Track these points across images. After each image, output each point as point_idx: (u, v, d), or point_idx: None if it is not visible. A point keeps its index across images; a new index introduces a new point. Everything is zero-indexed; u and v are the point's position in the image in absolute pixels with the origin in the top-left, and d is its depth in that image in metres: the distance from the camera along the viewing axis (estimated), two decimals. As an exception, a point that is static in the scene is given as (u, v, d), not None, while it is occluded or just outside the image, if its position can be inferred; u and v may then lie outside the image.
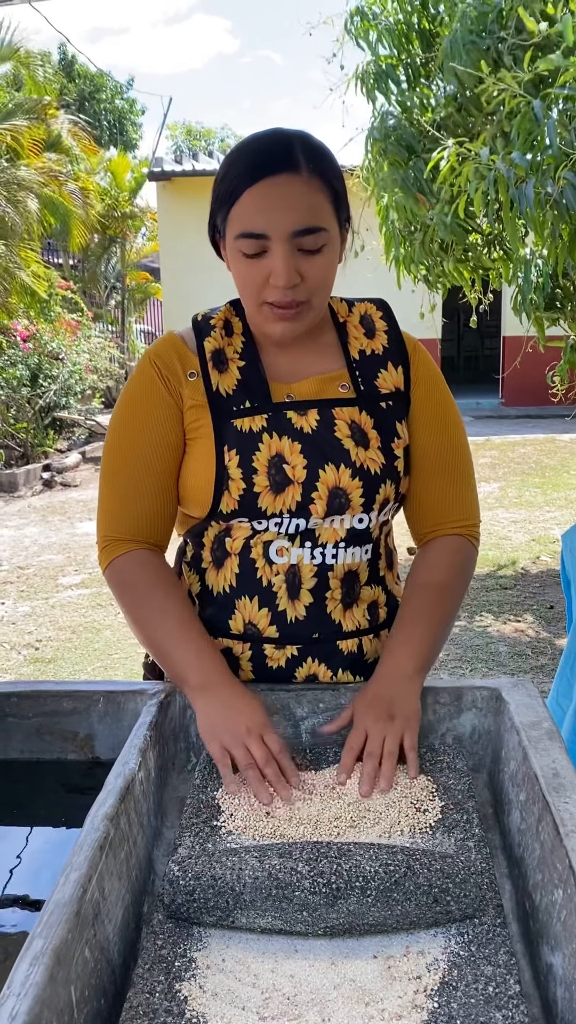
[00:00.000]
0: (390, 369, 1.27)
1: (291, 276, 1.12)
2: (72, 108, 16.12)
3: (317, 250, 1.14)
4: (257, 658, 1.25)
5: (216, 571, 1.27)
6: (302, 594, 1.23)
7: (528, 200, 2.90)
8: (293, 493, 1.19)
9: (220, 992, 0.77)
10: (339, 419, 1.22)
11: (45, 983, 0.66)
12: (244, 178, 1.12)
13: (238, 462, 1.19)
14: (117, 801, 0.90)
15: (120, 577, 1.24)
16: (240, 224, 1.13)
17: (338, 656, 1.25)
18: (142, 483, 1.24)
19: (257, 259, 1.14)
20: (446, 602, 1.25)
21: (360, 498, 1.21)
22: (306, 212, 1.11)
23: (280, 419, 1.22)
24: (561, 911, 0.79)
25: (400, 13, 3.99)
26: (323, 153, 1.16)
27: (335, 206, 1.16)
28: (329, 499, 1.20)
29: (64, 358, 10.60)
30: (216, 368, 1.24)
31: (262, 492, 1.19)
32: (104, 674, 4.15)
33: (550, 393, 4.79)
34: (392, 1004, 0.75)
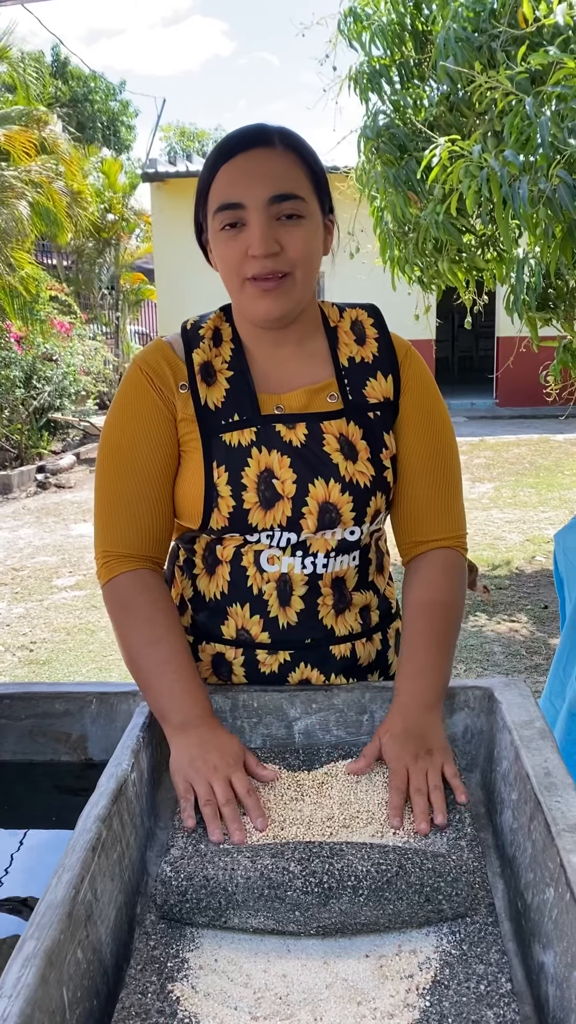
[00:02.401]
0: (379, 378, 1.25)
1: (269, 243, 1.11)
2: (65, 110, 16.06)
3: (295, 217, 1.12)
4: (250, 663, 1.24)
5: (208, 578, 1.26)
6: (293, 601, 1.22)
7: (522, 198, 2.90)
8: (283, 508, 1.18)
9: (212, 992, 0.77)
10: (327, 433, 1.20)
11: (37, 984, 0.66)
12: (219, 160, 1.14)
13: (227, 479, 1.18)
14: (110, 802, 0.90)
15: (117, 598, 1.21)
16: (217, 199, 1.13)
17: (331, 661, 1.25)
18: (139, 495, 1.21)
19: (236, 232, 1.13)
20: (451, 621, 1.23)
21: (351, 512, 1.19)
22: (281, 179, 1.12)
23: (269, 432, 1.20)
24: (552, 910, 0.79)
25: (393, 13, 3.99)
26: (300, 140, 1.18)
27: (314, 184, 1.16)
28: (320, 514, 1.18)
29: (58, 360, 10.59)
30: (204, 381, 1.22)
31: (252, 508, 1.18)
32: (99, 675, 4.15)
33: (544, 393, 4.80)
34: (384, 1003, 0.75)
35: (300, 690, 1.20)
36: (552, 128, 2.89)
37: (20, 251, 10.03)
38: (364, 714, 1.19)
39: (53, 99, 17.24)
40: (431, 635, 1.19)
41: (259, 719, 1.19)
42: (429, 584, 1.25)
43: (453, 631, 1.22)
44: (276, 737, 1.19)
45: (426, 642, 1.19)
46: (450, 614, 1.23)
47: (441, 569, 1.26)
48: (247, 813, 1.00)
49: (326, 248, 1.22)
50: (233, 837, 0.96)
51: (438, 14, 3.77)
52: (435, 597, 1.23)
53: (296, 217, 1.13)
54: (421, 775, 1.03)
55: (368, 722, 1.19)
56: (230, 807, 1.00)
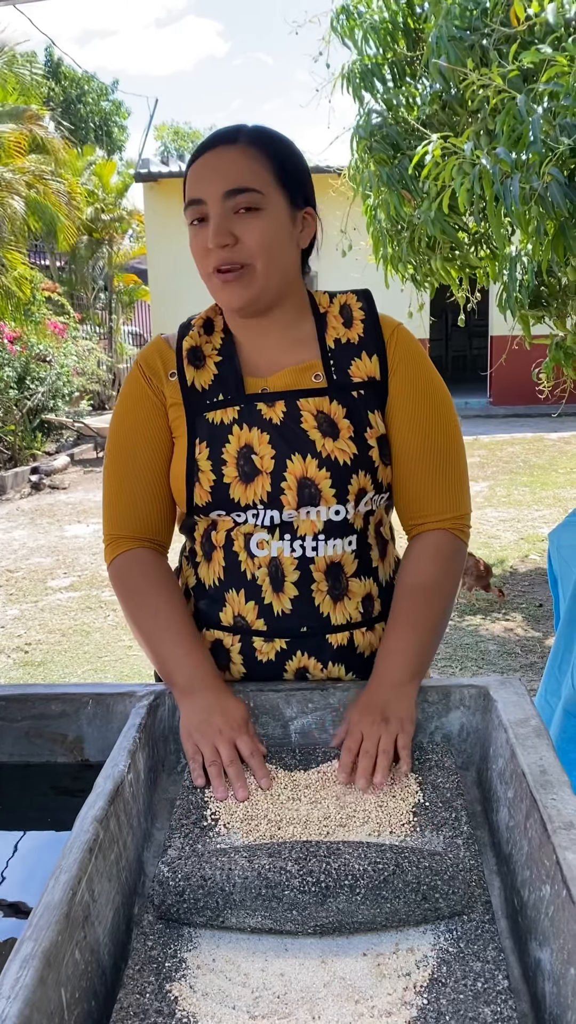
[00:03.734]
0: (364, 358, 1.26)
1: (221, 235, 1.16)
2: (58, 111, 16.03)
3: (251, 210, 1.17)
4: (247, 651, 1.26)
5: (207, 564, 1.29)
6: (286, 587, 1.23)
7: (514, 196, 2.90)
8: (263, 483, 1.21)
9: (210, 992, 0.77)
10: (304, 410, 1.23)
11: (35, 985, 0.66)
12: (191, 160, 1.22)
13: (208, 454, 1.23)
14: (106, 803, 0.90)
15: (119, 576, 1.29)
16: (186, 197, 1.21)
17: (328, 650, 1.25)
18: (136, 481, 1.29)
19: (201, 227, 1.19)
20: (435, 603, 1.24)
21: (331, 489, 1.21)
22: (235, 174, 1.17)
23: (251, 411, 1.24)
24: (549, 907, 0.79)
25: (385, 11, 3.99)
26: (270, 135, 1.23)
27: (279, 179, 1.19)
28: (298, 489, 1.20)
29: (52, 360, 10.57)
30: (192, 365, 1.27)
31: (232, 483, 1.22)
32: (94, 676, 4.14)
33: (536, 391, 4.80)
34: (382, 1001, 0.76)
35: (296, 689, 1.20)
36: (544, 126, 2.89)
37: (14, 251, 10.02)
38: (360, 713, 1.19)
39: (46, 99, 17.20)
40: (410, 619, 1.22)
41: (255, 719, 1.19)
42: (416, 568, 1.27)
43: (437, 613, 1.24)
44: (272, 736, 1.19)
45: (405, 625, 1.22)
46: (433, 598, 1.24)
47: (430, 552, 1.28)
48: (252, 773, 1.07)
49: (303, 241, 1.25)
50: (237, 795, 1.03)
51: (431, 12, 3.77)
52: (419, 581, 1.25)
53: (253, 210, 1.17)
54: (373, 739, 1.08)
55: (364, 721, 1.19)
56: (235, 767, 1.06)
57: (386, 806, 1.00)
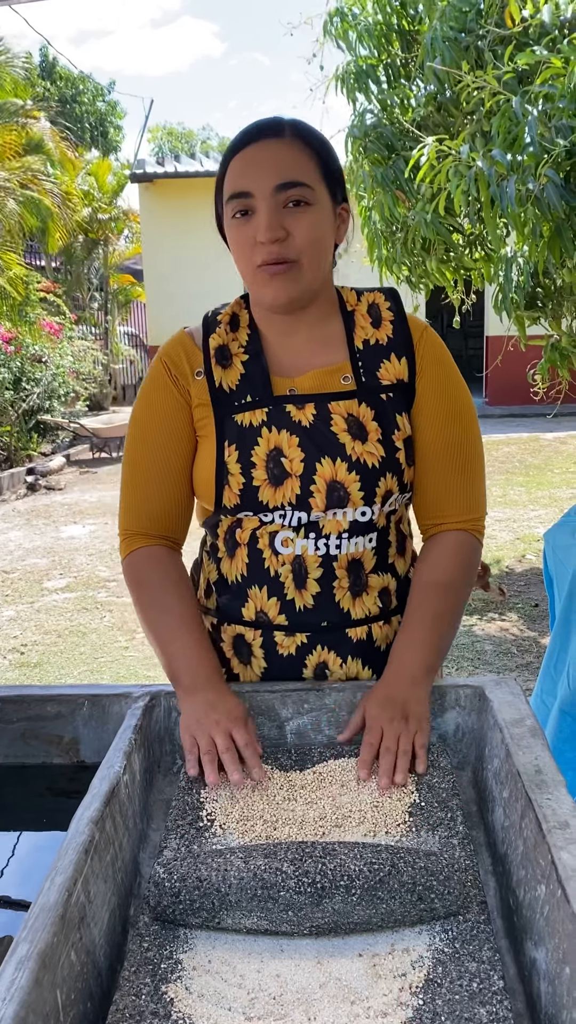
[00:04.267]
0: (392, 360, 1.27)
1: (274, 229, 1.15)
2: (53, 111, 16.00)
3: (301, 204, 1.16)
4: (268, 645, 1.28)
5: (230, 560, 1.30)
6: (309, 583, 1.25)
7: (510, 198, 2.91)
8: (292, 486, 1.21)
9: (206, 993, 0.77)
10: (335, 413, 1.23)
11: (31, 987, 0.66)
12: (232, 151, 1.19)
13: (237, 457, 1.23)
14: (102, 804, 0.90)
15: (133, 572, 1.30)
16: (229, 189, 1.18)
17: (347, 644, 1.27)
18: (155, 479, 1.30)
19: (246, 220, 1.17)
20: (450, 601, 1.25)
21: (359, 491, 1.22)
22: (287, 168, 1.16)
23: (279, 413, 1.24)
24: (544, 906, 0.79)
25: (379, 13, 3.99)
26: (312, 131, 1.21)
27: (323, 174, 1.19)
28: (328, 492, 1.21)
29: (47, 361, 10.56)
30: (220, 364, 1.27)
31: (261, 486, 1.22)
32: (90, 677, 4.14)
33: (531, 392, 4.81)
34: (377, 1002, 0.76)
35: (292, 690, 1.20)
36: (539, 127, 2.90)
37: (9, 252, 10.00)
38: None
39: (41, 99, 17.19)
40: (427, 614, 1.23)
41: (251, 720, 1.18)
42: (434, 565, 1.28)
43: (452, 611, 1.25)
44: (268, 737, 1.19)
45: (421, 620, 1.23)
46: (450, 595, 1.25)
47: (449, 551, 1.29)
48: (246, 764, 1.07)
49: (339, 237, 1.26)
50: (232, 778, 1.04)
51: (425, 14, 3.77)
52: (437, 578, 1.26)
53: (303, 204, 1.16)
54: (393, 737, 1.09)
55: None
56: (229, 754, 1.06)
57: (382, 806, 1.01)
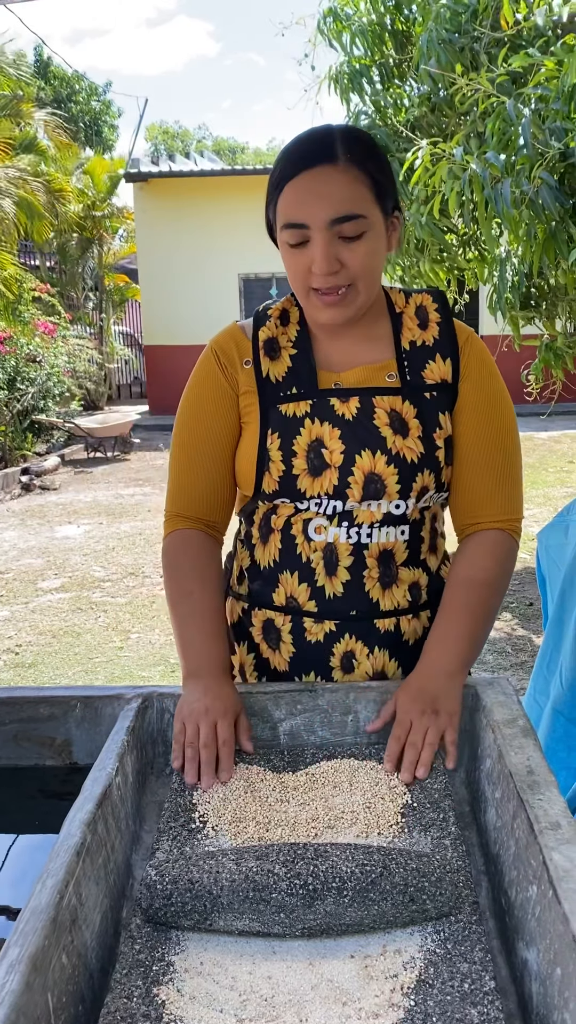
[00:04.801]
0: (438, 360, 1.29)
1: (330, 264, 1.17)
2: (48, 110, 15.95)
3: (357, 237, 1.17)
4: (297, 630, 1.30)
5: (263, 546, 1.34)
6: (339, 571, 1.27)
7: (504, 200, 2.91)
8: (330, 477, 1.24)
9: (198, 995, 0.77)
10: (379, 407, 1.26)
11: (21, 991, 0.66)
12: (287, 172, 1.18)
13: (279, 445, 1.26)
14: (94, 806, 0.90)
15: (168, 553, 1.35)
16: (284, 216, 1.19)
17: (375, 634, 1.29)
18: (199, 463, 1.33)
19: (301, 248, 1.19)
20: (487, 598, 1.26)
21: (396, 484, 1.24)
22: (343, 200, 1.16)
23: (323, 405, 1.27)
24: (535, 907, 0.79)
25: (373, 14, 4.00)
26: (365, 144, 1.21)
27: (376, 194, 1.19)
28: (365, 484, 1.24)
29: (42, 361, 10.54)
30: (268, 356, 1.30)
31: (300, 475, 1.25)
32: (85, 678, 4.13)
33: (525, 392, 4.82)
34: (369, 1003, 0.76)
35: (285, 691, 1.20)
36: (533, 129, 2.90)
37: (3, 252, 9.98)
38: (348, 715, 1.19)
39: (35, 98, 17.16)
40: (463, 608, 1.24)
41: (244, 721, 1.18)
42: (471, 562, 1.29)
43: (488, 608, 1.26)
44: (261, 738, 1.19)
45: (457, 614, 1.24)
46: (487, 592, 1.27)
47: (487, 548, 1.30)
48: (217, 762, 1.09)
49: (391, 245, 1.26)
50: (203, 781, 1.07)
51: (419, 15, 3.78)
52: (474, 575, 1.28)
53: (358, 235, 1.17)
54: (421, 731, 1.10)
55: (352, 723, 1.19)
56: (207, 751, 1.09)
57: (374, 807, 1.01)
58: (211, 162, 15.11)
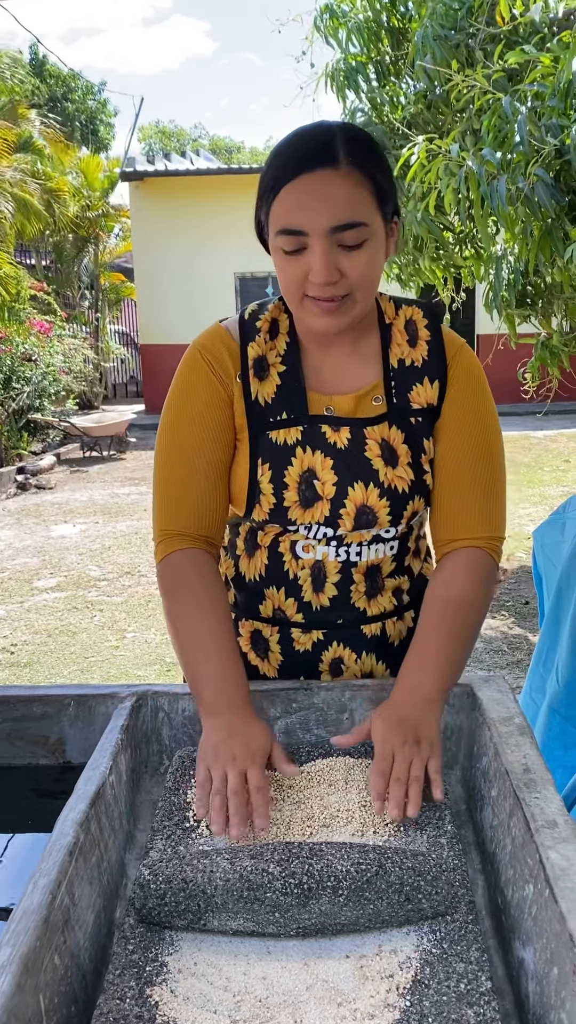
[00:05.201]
0: (425, 384, 1.24)
1: (330, 273, 1.10)
2: (43, 108, 15.94)
3: (357, 245, 1.11)
4: (285, 641, 1.29)
5: (248, 559, 1.31)
6: (327, 587, 1.26)
7: (500, 197, 2.91)
8: (322, 508, 1.21)
9: (192, 996, 0.77)
10: (370, 438, 1.22)
11: (12, 992, 0.65)
12: (283, 173, 1.10)
13: (270, 477, 1.22)
14: (88, 806, 0.89)
15: (168, 576, 1.23)
16: (279, 221, 1.11)
17: (362, 640, 1.28)
18: (195, 474, 1.24)
19: (297, 255, 1.12)
20: (467, 619, 1.20)
21: (387, 516, 1.22)
22: (344, 207, 1.08)
23: (315, 433, 1.22)
24: (532, 906, 0.79)
25: (369, 11, 3.99)
26: (366, 145, 1.13)
27: (378, 199, 1.12)
28: (356, 515, 1.21)
29: (37, 360, 10.52)
30: (257, 376, 1.24)
31: (292, 507, 1.22)
32: (81, 677, 4.12)
33: (521, 390, 4.81)
34: (364, 1004, 0.75)
35: (280, 689, 1.20)
36: (529, 126, 2.90)
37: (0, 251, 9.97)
38: (344, 713, 1.19)
39: (31, 97, 17.13)
40: (441, 630, 1.18)
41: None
42: (449, 582, 1.23)
43: (467, 629, 1.20)
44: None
45: (435, 636, 1.17)
46: (465, 612, 1.20)
47: (464, 567, 1.24)
48: (252, 811, 0.98)
49: (389, 251, 1.20)
50: (231, 831, 0.95)
51: (415, 12, 3.77)
52: (452, 594, 1.21)
53: (359, 244, 1.11)
54: (404, 764, 1.01)
55: (348, 721, 1.19)
56: (236, 799, 0.98)
57: (369, 806, 1.00)
58: (207, 161, 15.09)
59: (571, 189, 3.09)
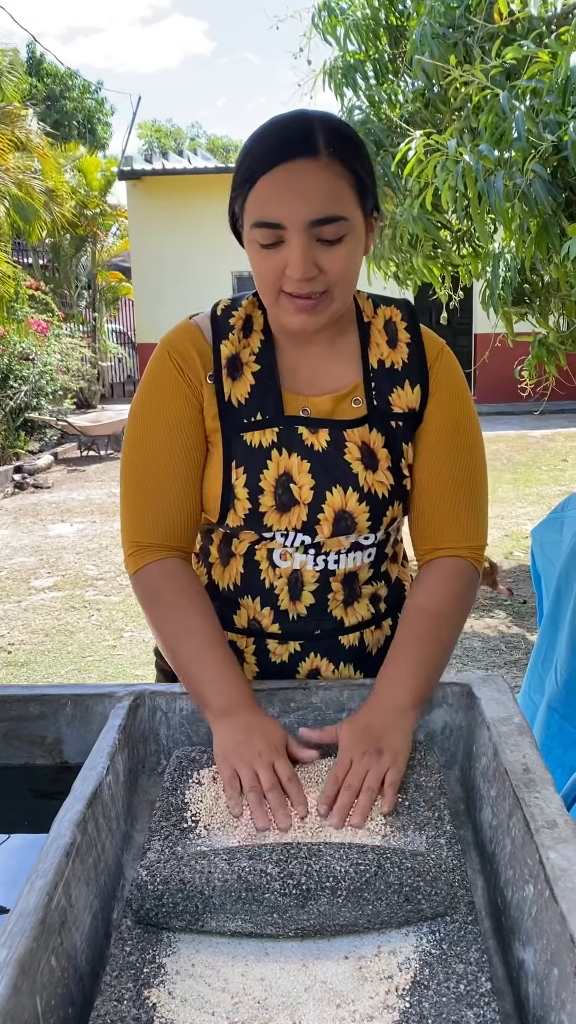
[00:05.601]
0: (406, 388, 1.22)
1: (308, 268, 1.06)
2: (40, 108, 15.91)
3: (337, 240, 1.06)
4: (261, 653, 1.26)
5: (222, 568, 1.28)
6: (304, 595, 1.23)
7: (497, 193, 2.90)
8: (299, 513, 1.18)
9: (189, 998, 0.76)
10: (350, 441, 1.19)
11: (9, 994, 0.64)
12: (260, 164, 1.05)
13: (245, 481, 1.17)
14: (84, 806, 0.89)
15: (147, 590, 1.20)
16: (255, 213, 1.07)
17: (340, 650, 1.26)
18: (165, 484, 1.20)
19: (273, 249, 1.07)
20: (443, 630, 1.18)
21: (367, 521, 1.19)
22: (324, 200, 1.04)
23: (291, 434, 1.18)
24: (532, 907, 0.78)
25: (367, 8, 3.98)
26: (347, 137, 1.09)
27: (359, 193, 1.08)
28: (335, 521, 1.18)
29: (35, 359, 10.50)
30: (230, 376, 1.20)
31: (268, 512, 1.18)
32: (78, 677, 4.12)
33: (519, 388, 4.81)
34: (363, 1005, 0.74)
35: (278, 688, 1.19)
36: (527, 123, 2.89)
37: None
38: (342, 712, 1.18)
39: (28, 95, 17.11)
40: (417, 641, 1.16)
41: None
42: (428, 592, 1.22)
43: (444, 640, 1.18)
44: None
45: (411, 647, 1.16)
46: (442, 623, 1.18)
47: (443, 577, 1.22)
48: (290, 800, 0.98)
49: (367, 247, 1.16)
50: (279, 824, 0.95)
51: (413, 9, 3.77)
52: (430, 606, 1.20)
53: (338, 239, 1.07)
54: (360, 773, 1.00)
55: (347, 720, 1.18)
56: (275, 793, 0.98)
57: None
58: (205, 160, 15.08)
59: (568, 186, 3.09)
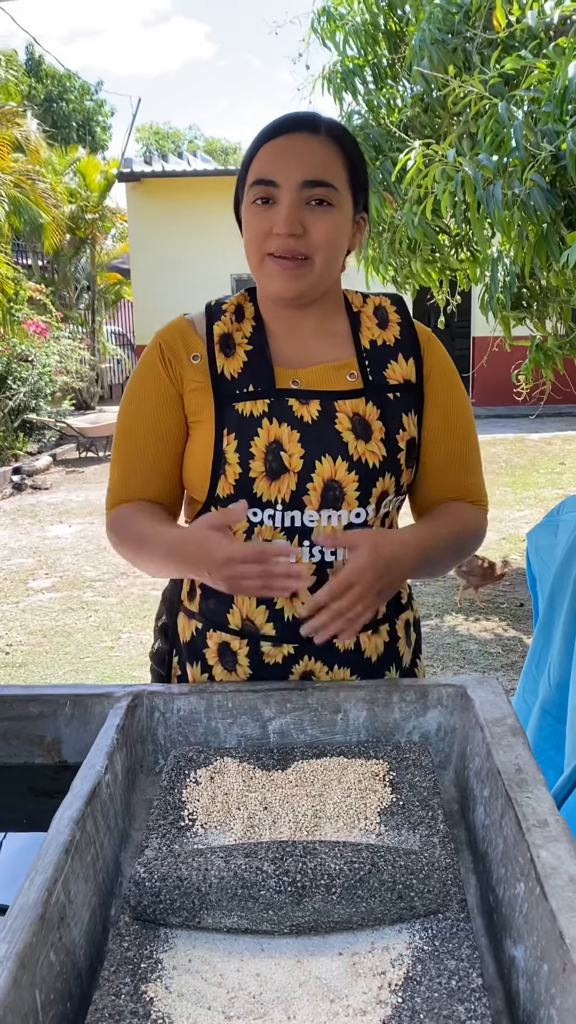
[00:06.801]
0: (400, 361, 1.27)
1: (293, 225, 1.15)
2: (39, 109, 15.94)
3: (324, 204, 1.16)
4: (254, 655, 1.27)
5: None
6: (301, 593, 1.22)
7: (496, 202, 2.92)
8: (288, 481, 1.20)
9: (186, 992, 0.77)
10: (340, 411, 1.22)
11: (9, 988, 0.66)
12: (265, 136, 1.18)
13: (236, 447, 1.21)
14: (83, 804, 0.90)
15: (117, 524, 1.28)
16: (255, 173, 1.18)
17: (335, 653, 1.26)
18: (143, 446, 1.28)
19: (265, 207, 1.17)
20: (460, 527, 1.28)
21: (355, 492, 1.21)
22: (317, 165, 1.15)
23: (282, 405, 1.22)
24: (523, 904, 0.80)
25: (366, 13, 4.00)
26: (348, 135, 1.22)
27: (351, 177, 1.19)
28: (323, 491, 1.20)
29: (34, 360, 10.51)
30: (223, 352, 1.25)
31: (258, 478, 1.20)
32: (76, 677, 4.13)
33: (515, 392, 4.83)
34: (357, 1000, 0.76)
35: (274, 689, 1.20)
36: (525, 131, 2.91)
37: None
38: (338, 713, 1.19)
39: (26, 96, 17.13)
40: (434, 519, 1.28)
41: (233, 719, 1.19)
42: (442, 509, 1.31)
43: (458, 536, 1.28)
44: (251, 737, 1.19)
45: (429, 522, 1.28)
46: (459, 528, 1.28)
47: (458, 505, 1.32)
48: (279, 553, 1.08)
49: (353, 244, 1.26)
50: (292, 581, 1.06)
51: (412, 15, 3.79)
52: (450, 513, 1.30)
53: (325, 204, 1.16)
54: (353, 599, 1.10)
55: (342, 721, 1.19)
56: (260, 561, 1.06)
57: (363, 805, 1.01)
58: (204, 162, 15.11)
59: (567, 194, 3.11)
